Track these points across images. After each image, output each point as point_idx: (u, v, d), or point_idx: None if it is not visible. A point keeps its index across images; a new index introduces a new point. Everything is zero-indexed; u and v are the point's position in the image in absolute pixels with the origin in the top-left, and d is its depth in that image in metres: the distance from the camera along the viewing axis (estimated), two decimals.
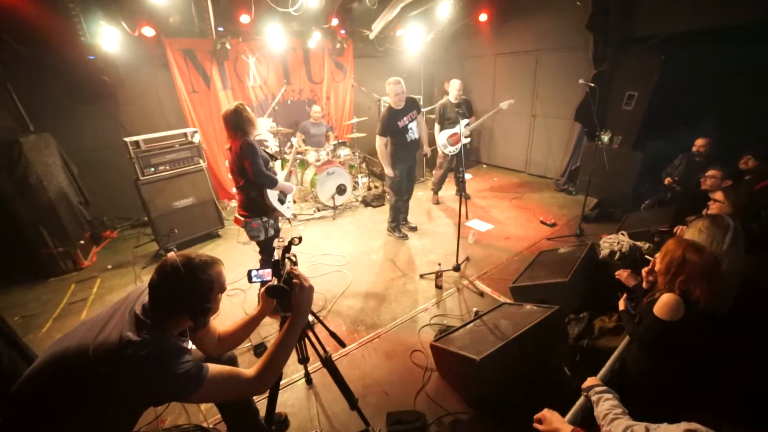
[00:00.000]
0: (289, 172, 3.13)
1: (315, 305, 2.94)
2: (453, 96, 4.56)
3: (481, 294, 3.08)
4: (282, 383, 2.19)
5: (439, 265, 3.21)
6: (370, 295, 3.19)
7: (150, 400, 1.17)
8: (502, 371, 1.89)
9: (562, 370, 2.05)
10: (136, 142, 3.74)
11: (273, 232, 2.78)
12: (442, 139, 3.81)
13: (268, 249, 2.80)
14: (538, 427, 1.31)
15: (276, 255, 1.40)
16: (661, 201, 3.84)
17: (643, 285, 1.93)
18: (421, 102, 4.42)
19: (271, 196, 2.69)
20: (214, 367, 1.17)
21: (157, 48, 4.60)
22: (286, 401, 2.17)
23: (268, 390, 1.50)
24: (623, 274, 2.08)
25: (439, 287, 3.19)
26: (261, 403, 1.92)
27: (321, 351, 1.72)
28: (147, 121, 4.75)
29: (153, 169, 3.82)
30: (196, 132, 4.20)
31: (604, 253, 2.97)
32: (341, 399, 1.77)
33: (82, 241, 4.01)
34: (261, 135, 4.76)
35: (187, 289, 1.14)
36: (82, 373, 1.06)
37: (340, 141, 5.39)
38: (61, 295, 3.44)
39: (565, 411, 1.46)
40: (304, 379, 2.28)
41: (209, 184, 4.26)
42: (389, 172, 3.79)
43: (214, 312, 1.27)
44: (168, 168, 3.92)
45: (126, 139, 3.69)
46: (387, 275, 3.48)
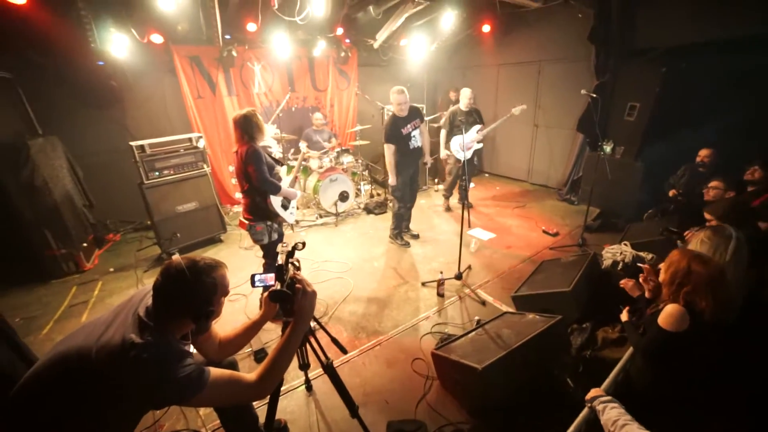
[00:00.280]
0: (295, 178, 3.15)
1: (316, 311, 2.93)
2: (464, 104, 4.60)
3: (483, 303, 3.07)
4: (282, 390, 2.17)
5: (441, 273, 3.20)
6: (372, 302, 3.18)
7: (151, 403, 1.16)
8: (504, 381, 1.87)
9: (565, 380, 2.03)
10: (142, 146, 3.78)
11: (277, 236, 2.79)
12: (455, 144, 3.84)
13: (271, 253, 2.81)
14: None
15: (279, 260, 1.41)
16: (664, 211, 3.83)
17: (646, 294, 1.92)
18: (424, 111, 4.46)
19: (275, 202, 2.71)
20: (215, 371, 1.17)
21: (165, 54, 4.67)
22: (286, 408, 2.15)
23: (269, 396, 1.48)
24: (628, 284, 2.07)
25: (440, 295, 3.18)
26: (260, 409, 1.91)
27: (322, 357, 1.71)
28: (152, 126, 4.80)
29: (157, 173, 3.85)
30: (200, 137, 4.24)
31: (607, 263, 2.97)
32: (341, 406, 1.75)
33: (85, 244, 4.03)
34: (265, 141, 4.79)
35: (191, 292, 1.15)
36: (83, 375, 1.06)
37: (343, 148, 5.43)
38: (63, 298, 3.44)
39: (567, 423, 1.44)
40: (304, 386, 2.27)
41: (212, 188, 4.28)
42: (393, 180, 3.81)
43: (216, 315, 1.26)
44: (172, 172, 3.95)
45: (132, 143, 3.73)
46: (389, 282, 3.47)
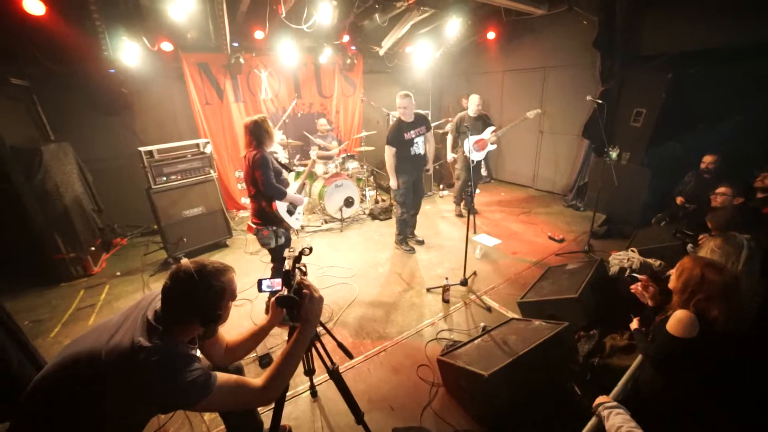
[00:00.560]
0: (302, 184, 3.18)
1: (322, 316, 2.93)
2: (472, 110, 4.62)
3: (489, 309, 3.05)
4: (287, 395, 2.17)
5: (446, 279, 3.19)
6: (377, 307, 3.17)
7: (157, 407, 1.17)
8: (510, 388, 1.85)
9: (572, 388, 2.01)
10: (150, 152, 3.83)
11: (284, 240, 2.80)
12: (467, 145, 3.87)
13: (278, 257, 2.82)
14: None
15: (287, 265, 1.41)
16: (672, 217, 3.80)
17: (649, 302, 1.90)
18: (429, 117, 4.48)
19: (280, 207, 2.73)
20: (222, 375, 1.18)
21: (174, 61, 4.76)
22: (291, 414, 2.14)
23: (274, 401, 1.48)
24: (639, 288, 2.05)
25: (446, 301, 3.16)
26: (265, 415, 1.91)
27: (328, 362, 1.70)
28: (161, 132, 4.87)
29: (165, 178, 3.90)
30: (208, 143, 4.29)
31: (614, 269, 2.94)
32: (346, 413, 1.75)
33: (93, 248, 4.07)
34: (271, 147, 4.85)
35: (200, 296, 1.16)
36: (92, 378, 1.07)
37: (349, 154, 5.47)
38: (71, 301, 3.48)
39: None
40: (309, 392, 2.26)
41: (219, 194, 4.31)
42: (393, 182, 3.82)
43: (224, 319, 1.27)
44: (180, 177, 4.00)
45: (140, 148, 3.78)
46: (394, 288, 3.46)
